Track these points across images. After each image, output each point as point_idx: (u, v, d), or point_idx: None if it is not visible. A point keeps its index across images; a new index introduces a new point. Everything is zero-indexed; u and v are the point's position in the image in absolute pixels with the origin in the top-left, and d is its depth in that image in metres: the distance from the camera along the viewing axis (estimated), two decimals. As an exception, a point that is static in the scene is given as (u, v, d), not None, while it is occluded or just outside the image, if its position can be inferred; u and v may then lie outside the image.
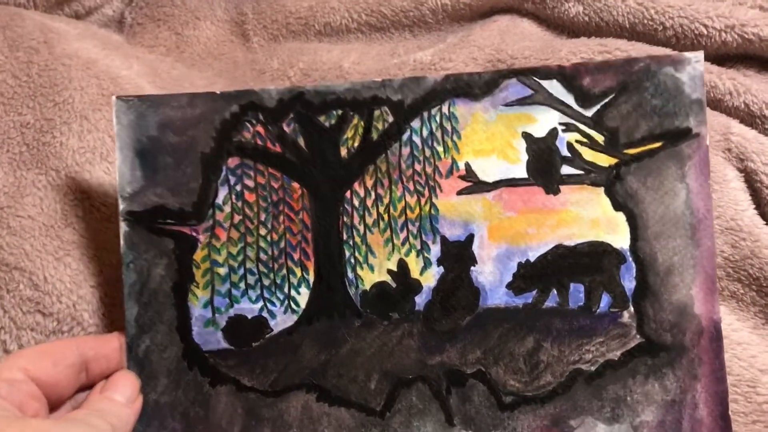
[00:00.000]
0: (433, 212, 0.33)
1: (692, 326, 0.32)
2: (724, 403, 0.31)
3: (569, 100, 0.33)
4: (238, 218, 0.33)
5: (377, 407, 0.32)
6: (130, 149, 0.33)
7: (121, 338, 0.32)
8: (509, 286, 0.32)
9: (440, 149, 0.33)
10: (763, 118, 0.41)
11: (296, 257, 0.33)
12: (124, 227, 0.32)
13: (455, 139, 0.33)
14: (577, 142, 0.33)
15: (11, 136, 0.39)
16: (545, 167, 0.33)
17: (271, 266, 0.33)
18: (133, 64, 0.44)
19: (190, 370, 0.32)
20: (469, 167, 0.33)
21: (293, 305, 0.33)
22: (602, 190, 0.32)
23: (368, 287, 0.33)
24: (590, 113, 0.33)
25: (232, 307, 0.32)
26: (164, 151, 0.33)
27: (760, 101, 0.41)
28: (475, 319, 0.32)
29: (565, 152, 0.33)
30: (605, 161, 0.32)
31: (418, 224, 0.33)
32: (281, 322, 0.32)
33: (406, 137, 0.33)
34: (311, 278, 0.33)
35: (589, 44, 0.43)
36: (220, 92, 0.33)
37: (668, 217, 0.32)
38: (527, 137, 0.33)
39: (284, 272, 0.33)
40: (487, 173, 0.33)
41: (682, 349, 0.32)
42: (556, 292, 0.32)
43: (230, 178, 0.33)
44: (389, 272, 0.33)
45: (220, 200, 0.33)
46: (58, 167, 0.38)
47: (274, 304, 0.33)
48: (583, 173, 0.33)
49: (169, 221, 0.32)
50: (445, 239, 0.33)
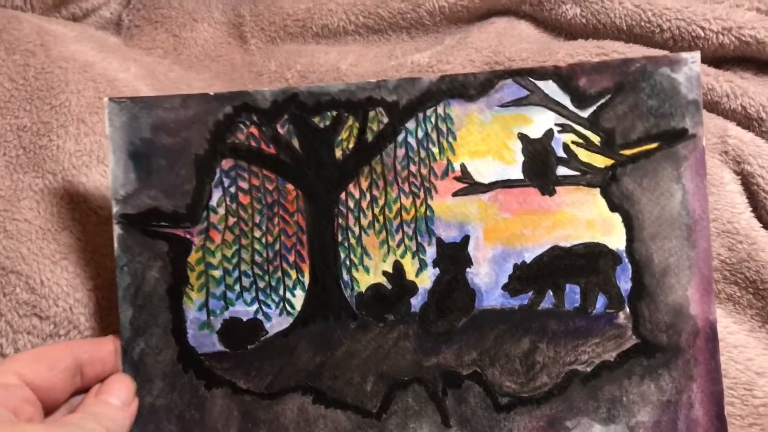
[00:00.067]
0: (428, 214, 0.33)
1: (688, 327, 0.32)
2: (719, 403, 0.31)
3: (565, 100, 0.33)
4: (232, 220, 0.33)
5: (373, 409, 0.32)
6: (123, 151, 0.32)
7: (116, 341, 0.32)
8: (505, 287, 0.32)
9: (435, 150, 0.33)
10: (760, 120, 0.41)
11: (291, 259, 0.33)
12: (117, 230, 0.32)
13: (450, 140, 0.33)
14: (572, 143, 0.32)
15: (8, 139, 0.38)
16: (541, 168, 0.32)
17: (266, 268, 0.32)
18: (130, 66, 0.44)
19: (185, 372, 0.32)
20: (464, 168, 0.33)
21: (288, 307, 0.32)
22: (598, 191, 0.32)
23: (363, 289, 0.32)
24: (586, 114, 0.32)
25: (227, 309, 0.32)
26: (157, 153, 0.32)
27: (757, 103, 0.41)
28: (470, 320, 0.32)
29: (560, 153, 0.32)
30: (601, 162, 0.32)
31: (413, 226, 0.33)
32: (276, 324, 0.32)
33: (401, 138, 0.33)
34: (306, 280, 0.33)
35: (586, 46, 0.43)
36: (213, 93, 0.33)
37: (664, 218, 0.32)
38: (523, 138, 0.32)
39: (279, 274, 0.33)
40: (482, 174, 0.32)
41: (677, 349, 0.31)
42: (551, 293, 0.32)
43: (224, 180, 0.33)
44: (384, 274, 0.32)
45: (214, 202, 0.33)
46: (54, 170, 0.38)
47: (269, 306, 0.32)
48: (578, 174, 0.32)
49: (163, 224, 0.32)
50: (440, 241, 0.32)
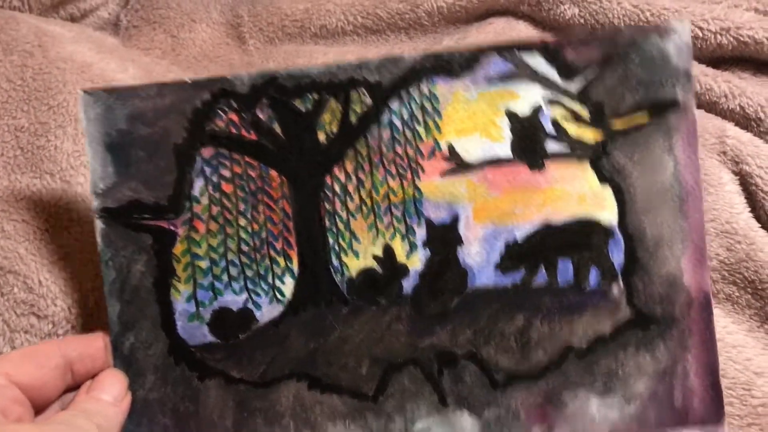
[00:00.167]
0: (416, 195, 0.32)
1: (682, 298, 0.31)
2: (714, 372, 0.31)
3: (552, 74, 0.32)
4: (216, 209, 0.32)
5: (369, 392, 0.32)
6: (99, 144, 0.31)
7: (105, 337, 0.32)
8: (497, 266, 0.32)
9: (421, 130, 0.32)
10: (758, 120, 0.41)
11: (279, 247, 0.32)
12: (99, 224, 0.31)
13: (436, 119, 0.32)
14: (562, 117, 0.32)
15: (5, 139, 0.38)
16: (530, 145, 0.32)
17: (253, 257, 0.32)
18: (128, 67, 0.43)
19: (177, 365, 0.32)
20: (452, 148, 0.32)
21: (278, 295, 0.32)
22: (588, 165, 0.32)
23: (354, 274, 0.32)
24: (574, 87, 0.32)
25: (215, 300, 0.32)
26: (136, 144, 0.31)
27: (755, 104, 0.41)
28: (463, 300, 0.32)
29: (549, 129, 0.32)
30: (591, 137, 0.32)
31: (402, 208, 0.32)
32: (267, 313, 0.32)
33: (386, 119, 0.32)
34: (295, 268, 0.32)
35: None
36: (190, 80, 0.32)
37: (656, 190, 0.31)
38: (511, 115, 0.32)
39: (267, 262, 0.32)
40: (470, 153, 0.32)
41: (672, 320, 0.31)
42: (544, 269, 0.32)
43: (205, 168, 0.32)
44: (375, 258, 0.32)
45: (196, 192, 0.32)
46: (52, 171, 0.38)
47: (258, 295, 0.32)
48: (568, 150, 0.32)
49: (145, 216, 0.32)
50: (430, 222, 0.32)
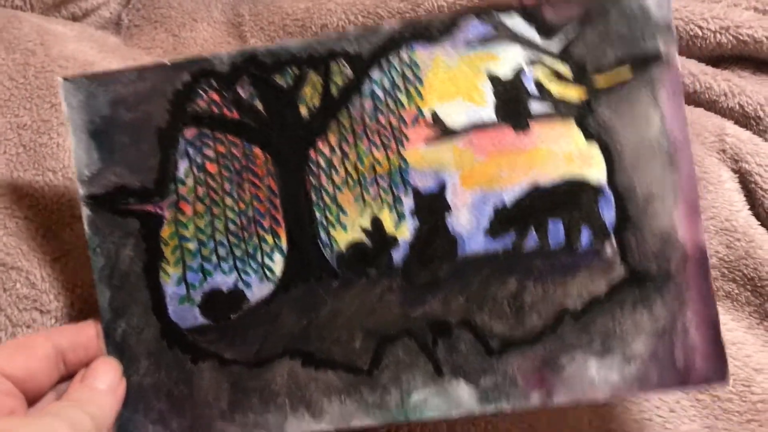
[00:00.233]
0: (402, 165, 0.32)
1: (677, 253, 0.31)
2: (715, 326, 0.31)
3: (532, 34, 0.31)
4: (201, 190, 0.32)
5: (364, 366, 0.31)
6: (83, 131, 0.31)
7: (97, 325, 0.31)
8: (487, 231, 0.32)
9: (403, 98, 0.32)
10: (757, 119, 0.41)
11: (266, 225, 0.32)
12: (86, 212, 0.31)
13: (418, 85, 0.32)
14: (544, 77, 0.31)
15: (8, 137, 0.39)
16: (513, 107, 0.31)
17: (241, 236, 0.32)
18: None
19: (170, 349, 0.31)
20: (435, 116, 0.32)
21: (268, 273, 0.32)
22: (574, 124, 0.31)
23: (343, 247, 0.32)
24: (555, 46, 0.31)
25: (205, 281, 0.32)
26: (119, 129, 0.31)
27: (754, 102, 0.41)
28: (454, 267, 0.31)
29: (532, 90, 0.31)
30: (575, 95, 0.31)
31: (388, 178, 0.32)
32: (258, 291, 0.32)
33: (367, 90, 0.32)
34: (284, 244, 0.32)
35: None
36: (170, 62, 0.32)
37: (644, 144, 0.31)
38: (493, 78, 0.31)
39: (255, 241, 0.32)
40: (453, 118, 0.32)
41: (668, 276, 0.31)
42: (534, 232, 0.32)
43: (189, 150, 0.32)
44: (363, 230, 0.32)
45: (181, 174, 0.32)
46: (54, 168, 0.38)
47: (248, 274, 0.32)
48: (552, 109, 0.31)
49: (131, 201, 0.31)
50: (417, 191, 0.32)
